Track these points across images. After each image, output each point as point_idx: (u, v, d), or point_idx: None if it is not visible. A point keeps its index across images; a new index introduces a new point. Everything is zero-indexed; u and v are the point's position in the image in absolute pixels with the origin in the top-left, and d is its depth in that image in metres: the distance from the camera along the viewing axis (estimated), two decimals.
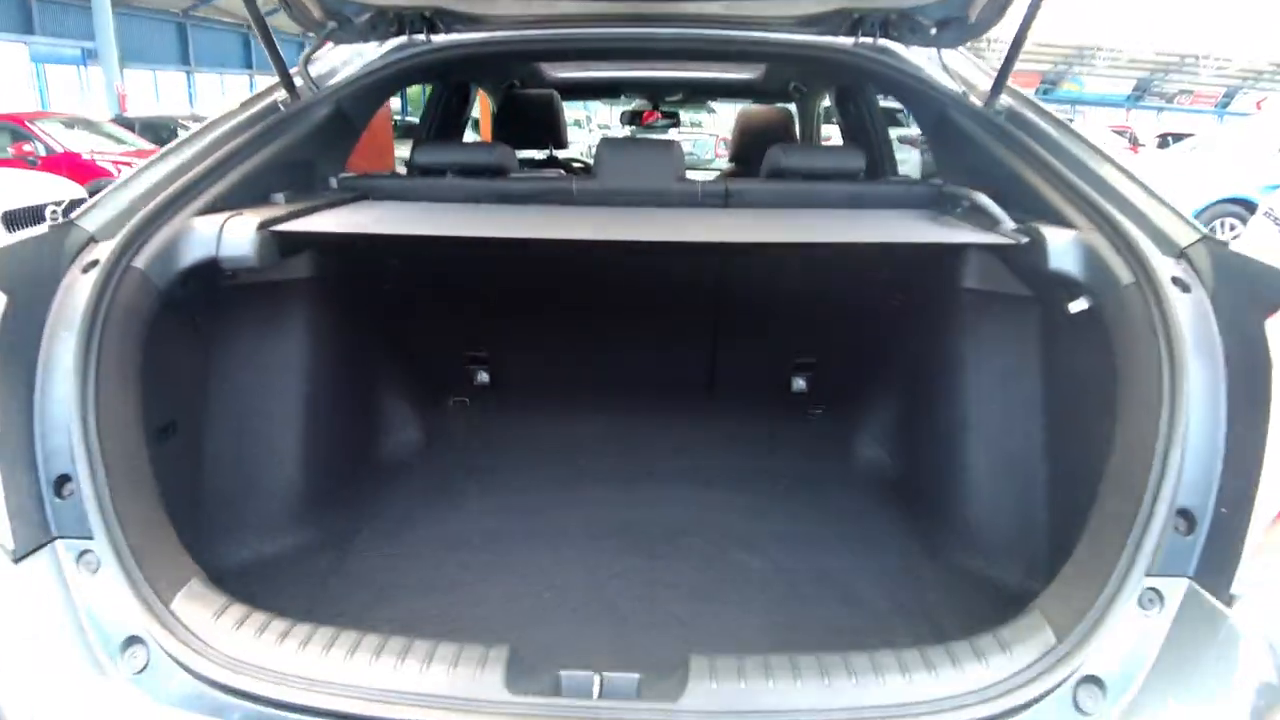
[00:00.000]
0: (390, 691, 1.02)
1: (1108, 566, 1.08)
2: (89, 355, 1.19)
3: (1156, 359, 1.17)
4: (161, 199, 1.45)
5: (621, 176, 2.12)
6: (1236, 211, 8.09)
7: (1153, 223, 1.37)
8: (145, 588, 1.09)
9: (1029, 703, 0.98)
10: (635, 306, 2.36)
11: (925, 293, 2.08)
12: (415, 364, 2.48)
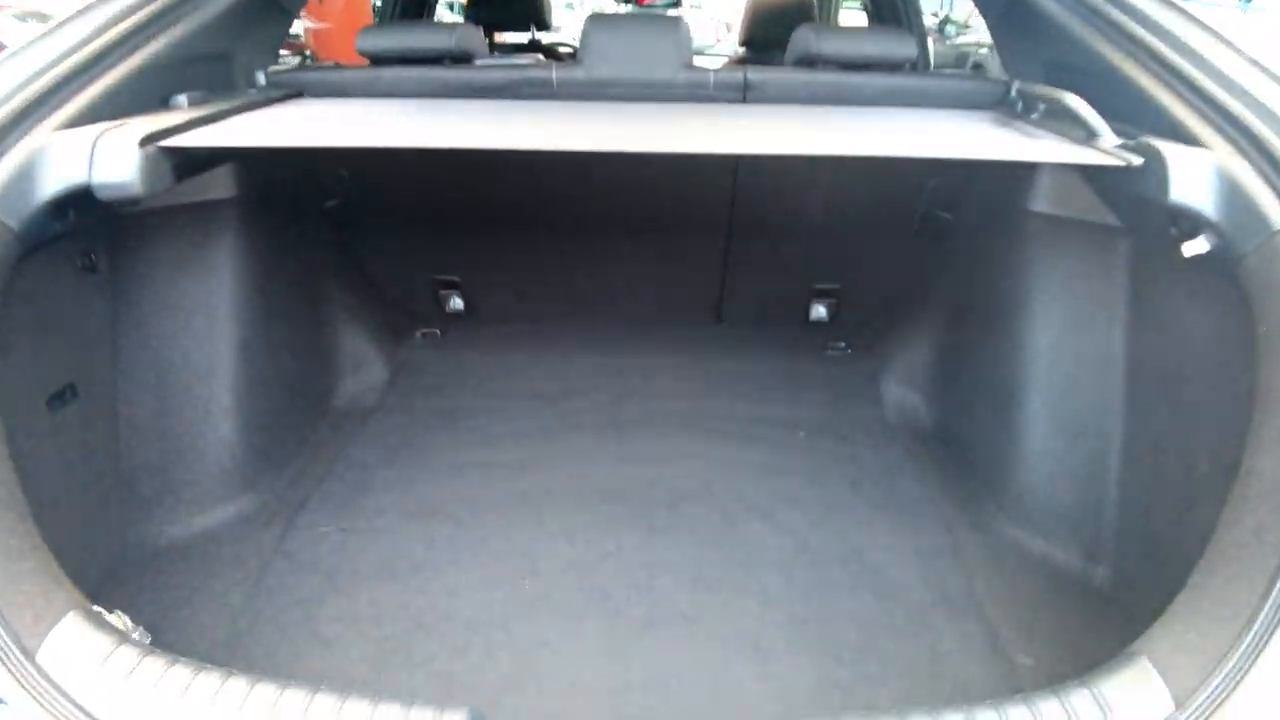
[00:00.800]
0: None
1: (1246, 605, 0.83)
2: None
3: None
4: (11, 108, 1.10)
5: (614, 63, 1.75)
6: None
7: None
8: (7, 626, 0.85)
9: None
10: (633, 220, 2.02)
11: (980, 212, 1.75)
12: (375, 292, 2.18)
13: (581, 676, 1.28)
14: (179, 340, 1.56)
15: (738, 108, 1.71)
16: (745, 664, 1.31)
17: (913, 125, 1.49)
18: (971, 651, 1.33)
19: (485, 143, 1.31)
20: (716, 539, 1.61)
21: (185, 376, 1.57)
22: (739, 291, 2.17)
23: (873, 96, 1.72)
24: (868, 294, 2.19)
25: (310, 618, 1.40)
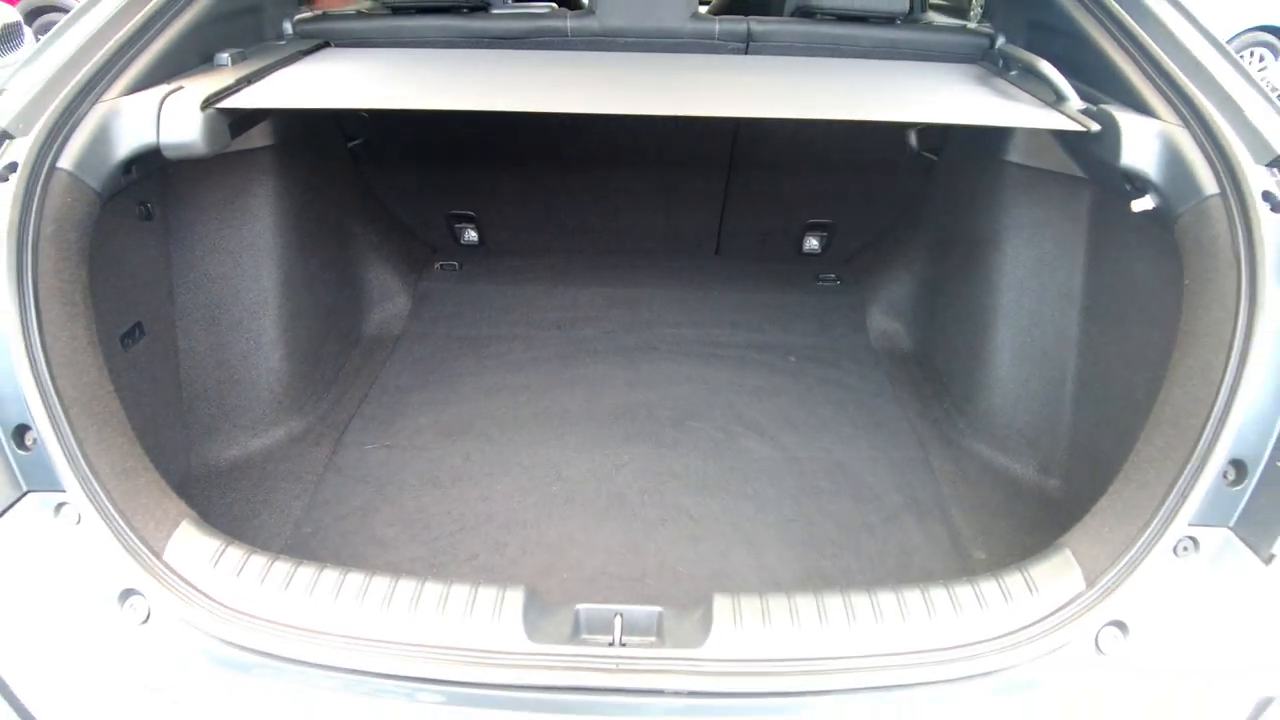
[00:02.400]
0: (403, 644, 0.96)
1: (1147, 509, 1.03)
2: (23, 283, 1.02)
3: (1235, 288, 1.05)
4: (81, 77, 1.20)
5: (624, 13, 1.87)
6: (1268, 41, 7.56)
7: (1248, 120, 1.17)
8: (132, 537, 1.00)
9: (1053, 650, 0.96)
10: (639, 156, 2.16)
11: (962, 157, 1.91)
12: (396, 226, 2.32)
13: (605, 566, 1.49)
14: (229, 279, 1.71)
15: (741, 59, 1.83)
16: (742, 556, 1.52)
17: (902, 81, 1.64)
18: (935, 548, 1.56)
19: (504, 105, 1.44)
20: (717, 452, 1.80)
21: (236, 312, 1.72)
22: (738, 224, 2.33)
23: (868, 48, 1.86)
24: (857, 228, 2.35)
25: (366, 524, 1.58)
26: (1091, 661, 0.96)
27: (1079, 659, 0.96)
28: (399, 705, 0.93)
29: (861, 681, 0.93)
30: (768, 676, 0.93)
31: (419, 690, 0.93)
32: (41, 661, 0.96)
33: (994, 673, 0.94)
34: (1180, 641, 0.97)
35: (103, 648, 0.96)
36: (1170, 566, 0.97)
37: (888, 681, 0.93)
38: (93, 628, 0.96)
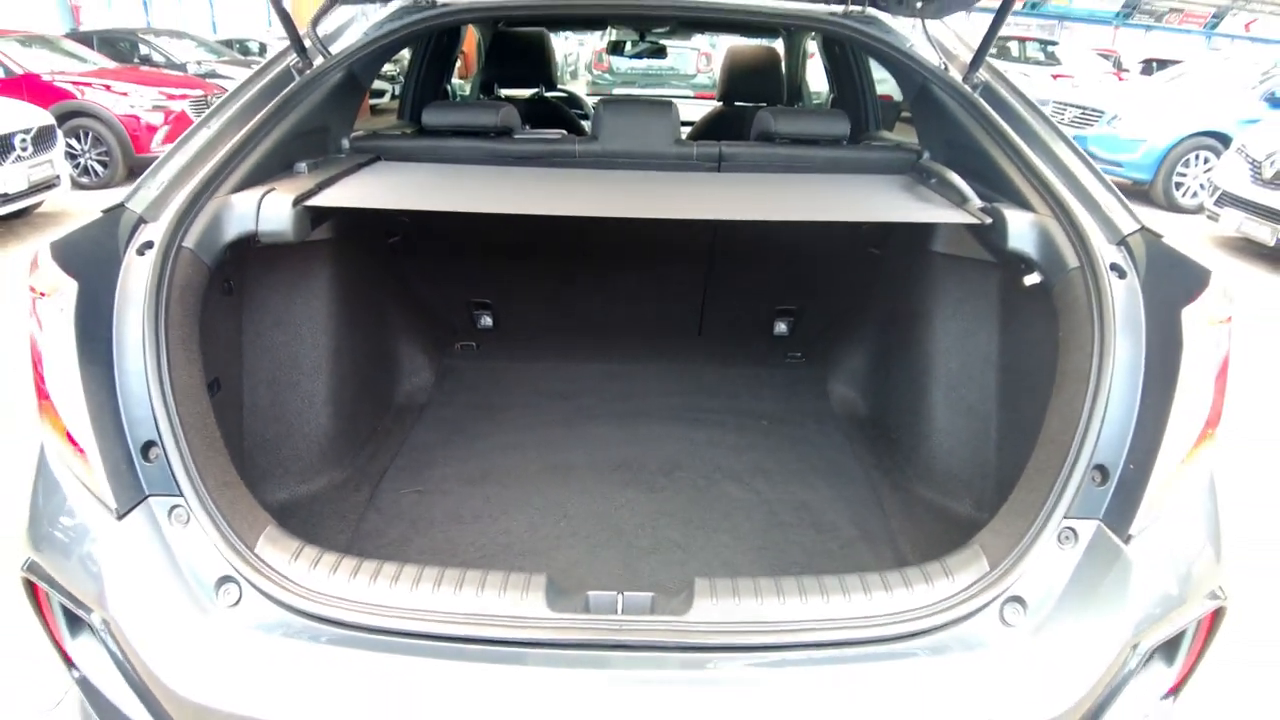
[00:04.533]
0: (452, 614, 1.19)
1: (1035, 509, 1.28)
2: (157, 332, 1.29)
3: (1090, 338, 1.33)
4: (200, 179, 1.51)
5: (621, 139, 2.22)
6: (1212, 145, 8.16)
7: (1101, 210, 1.50)
8: (231, 535, 1.23)
9: (964, 617, 1.19)
10: (632, 255, 2.49)
11: (899, 250, 2.21)
12: (424, 311, 2.61)
13: (606, 584, 1.72)
14: (290, 346, 1.98)
15: (714, 175, 2.18)
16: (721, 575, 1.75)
17: (844, 191, 1.98)
18: (884, 567, 1.80)
19: (524, 209, 1.77)
20: (699, 495, 2.06)
21: (294, 375, 1.99)
22: (716, 312, 2.64)
23: (818, 165, 2.19)
24: (818, 314, 2.67)
25: (402, 551, 1.82)
26: (998, 631, 1.19)
27: (987, 628, 1.19)
28: (443, 662, 1.16)
29: (812, 639, 1.16)
30: (738, 634, 1.17)
31: (462, 649, 1.16)
32: (154, 632, 1.18)
33: (917, 635, 1.17)
34: (1067, 610, 1.20)
35: (201, 625, 1.18)
36: (1055, 552, 1.22)
37: (832, 639, 1.17)
38: (194, 608, 1.19)
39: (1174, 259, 1.37)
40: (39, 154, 6.36)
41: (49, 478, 1.29)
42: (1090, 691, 1.13)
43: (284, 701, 1.13)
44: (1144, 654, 1.17)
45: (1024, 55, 15.54)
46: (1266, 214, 6.30)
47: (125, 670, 1.16)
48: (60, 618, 1.28)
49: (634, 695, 1.14)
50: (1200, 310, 1.28)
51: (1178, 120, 8.47)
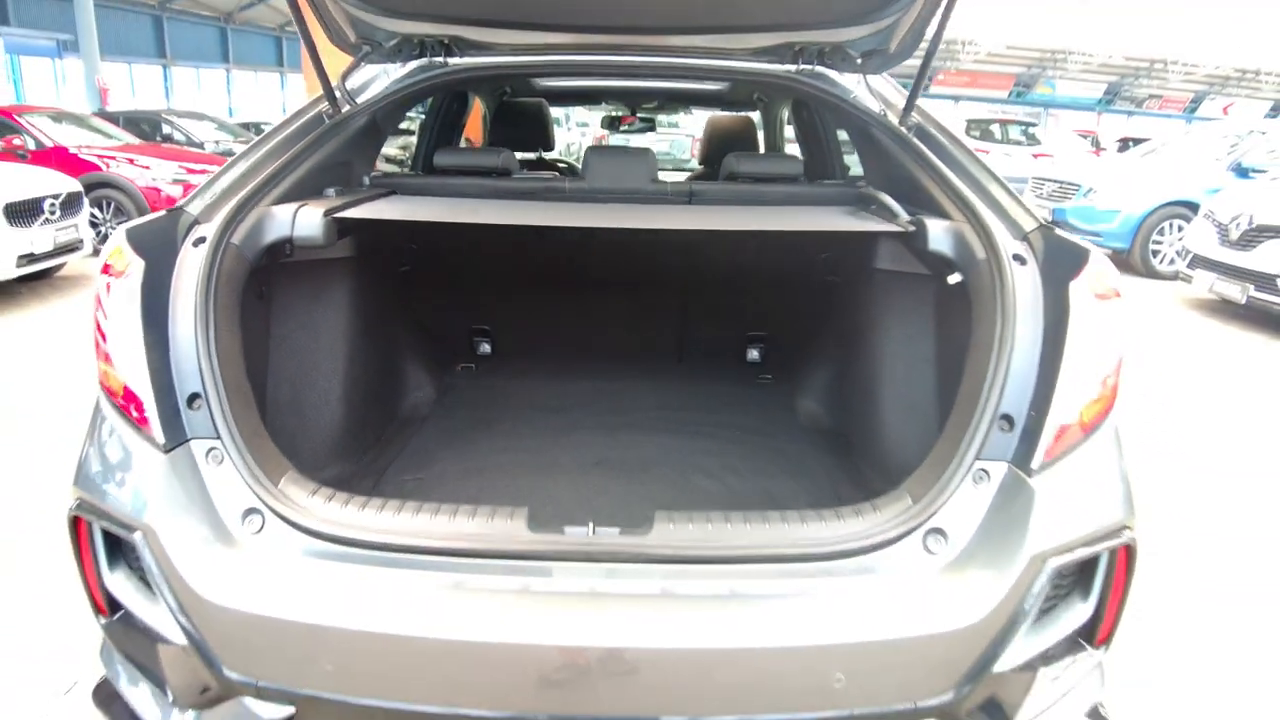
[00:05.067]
0: (449, 535, 1.38)
1: (952, 454, 1.46)
2: (206, 307, 1.52)
3: (996, 314, 1.54)
4: (245, 192, 1.78)
5: (605, 178, 2.50)
6: (1183, 213, 8.53)
7: (1008, 214, 1.75)
8: (258, 473, 1.43)
9: (889, 542, 1.37)
10: (618, 288, 2.74)
11: (849, 273, 2.46)
12: (429, 334, 2.84)
13: None
14: (310, 350, 2.20)
15: (685, 206, 2.45)
16: None
17: (797, 216, 2.24)
18: None
19: (521, 221, 2.04)
20: (675, 486, 2.22)
21: (313, 374, 2.20)
22: (694, 339, 2.88)
23: (775, 199, 2.44)
24: (785, 339, 2.91)
25: None
26: (922, 557, 1.37)
27: (912, 555, 1.37)
28: (436, 573, 1.33)
29: (754, 554, 1.35)
30: (690, 550, 1.36)
31: (453, 561, 1.34)
32: (188, 547, 1.35)
33: (848, 556, 1.35)
34: (982, 538, 1.38)
35: (227, 546, 1.37)
36: (971, 490, 1.41)
37: (772, 554, 1.36)
38: (223, 532, 1.38)
39: (1065, 245, 1.60)
40: (66, 218, 6.72)
41: (104, 426, 1.49)
42: (1001, 604, 1.30)
43: (297, 605, 1.30)
44: (1051, 573, 1.33)
45: (1006, 137, 16.21)
46: (1235, 273, 6.60)
47: (160, 579, 1.33)
48: (101, 551, 1.46)
49: (602, 594, 1.32)
50: (1084, 282, 1.51)
51: (1151, 191, 8.88)
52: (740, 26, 2.26)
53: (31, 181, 6.55)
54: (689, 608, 1.32)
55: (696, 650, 1.26)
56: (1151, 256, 8.89)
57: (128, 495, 1.40)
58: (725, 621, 1.29)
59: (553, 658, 1.25)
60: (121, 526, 1.38)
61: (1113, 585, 1.44)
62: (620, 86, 4.53)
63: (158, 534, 1.34)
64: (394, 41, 2.27)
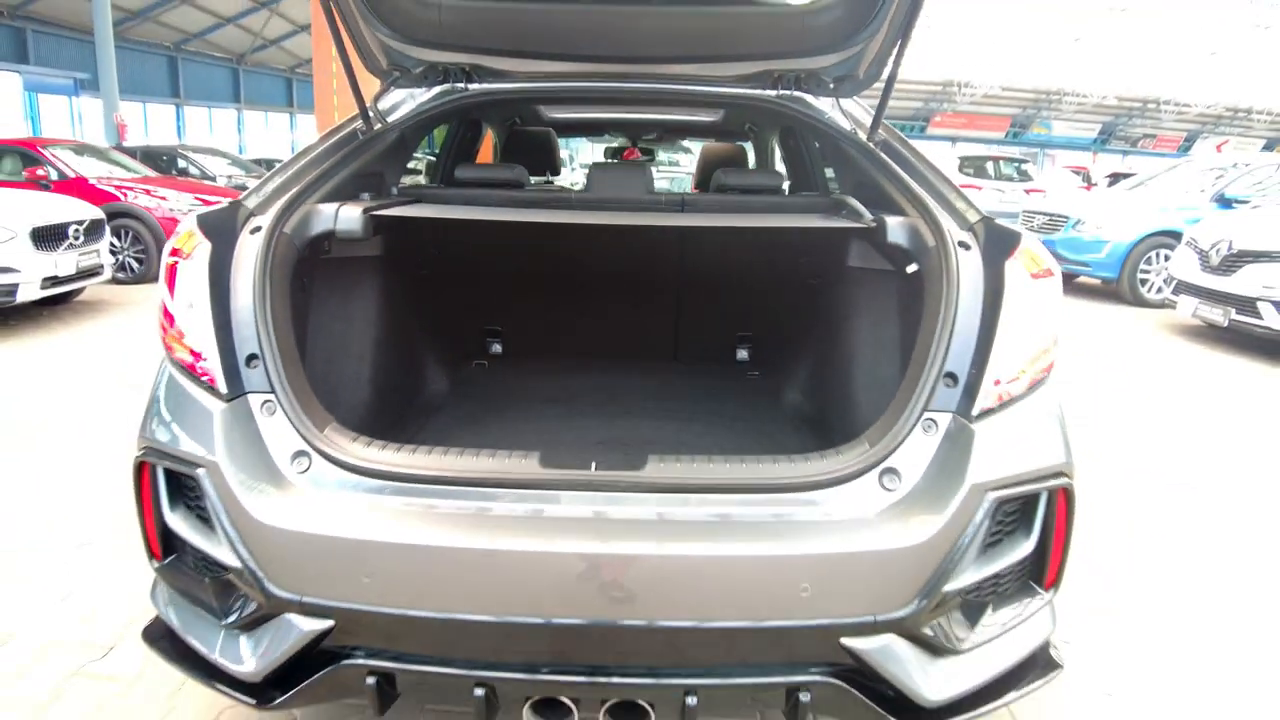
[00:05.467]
0: (472, 469, 1.61)
1: (904, 407, 1.67)
2: (263, 282, 1.75)
3: (943, 291, 1.77)
4: (294, 191, 2.03)
5: (607, 189, 2.76)
6: (1169, 243, 8.77)
7: (956, 210, 1.98)
8: (307, 422, 1.64)
9: (850, 477, 1.58)
10: (618, 293, 2.99)
11: (827, 273, 2.69)
12: (446, 333, 3.08)
13: None
14: (345, 335, 2.42)
15: (678, 212, 2.69)
16: None
17: (774, 217, 2.50)
18: None
19: (532, 219, 2.30)
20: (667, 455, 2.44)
21: (345, 357, 2.41)
22: (688, 339, 3.10)
23: (760, 208, 2.69)
24: (771, 338, 3.14)
25: None
26: (879, 492, 1.57)
27: (870, 490, 1.57)
28: (459, 501, 1.54)
29: (733, 484, 1.56)
30: (678, 481, 1.57)
31: (473, 490, 1.55)
32: (245, 480, 1.55)
33: (811, 489, 1.56)
34: (931, 476, 1.58)
35: (279, 480, 1.58)
36: (920, 436, 1.62)
37: (748, 484, 1.57)
38: (275, 469, 1.59)
39: (1002, 232, 1.83)
40: (88, 244, 6.98)
41: (170, 383, 1.71)
42: (945, 527, 1.49)
43: (338, 526, 1.50)
44: (991, 504, 1.52)
45: (999, 174, 16.57)
46: (1217, 298, 6.82)
47: (219, 507, 1.53)
48: (163, 492, 1.67)
49: (603, 515, 1.55)
50: (1017, 261, 1.74)
51: (1137, 221, 9.15)
52: (726, 56, 2.54)
53: (58, 208, 6.83)
54: (678, 528, 1.53)
55: (683, 558, 1.46)
56: (1140, 285, 9.13)
57: (193, 438, 1.61)
58: (708, 537, 1.50)
59: (561, 566, 1.45)
60: (186, 464, 1.59)
61: (1055, 527, 1.64)
62: (621, 118, 4.82)
63: (220, 468, 1.55)
64: (421, 69, 2.54)
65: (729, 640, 1.49)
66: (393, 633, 1.51)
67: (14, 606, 2.56)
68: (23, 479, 3.57)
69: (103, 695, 2.16)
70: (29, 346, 6.03)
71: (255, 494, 1.53)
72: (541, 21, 2.49)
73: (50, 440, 4.07)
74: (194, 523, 1.65)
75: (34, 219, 6.40)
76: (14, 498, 3.38)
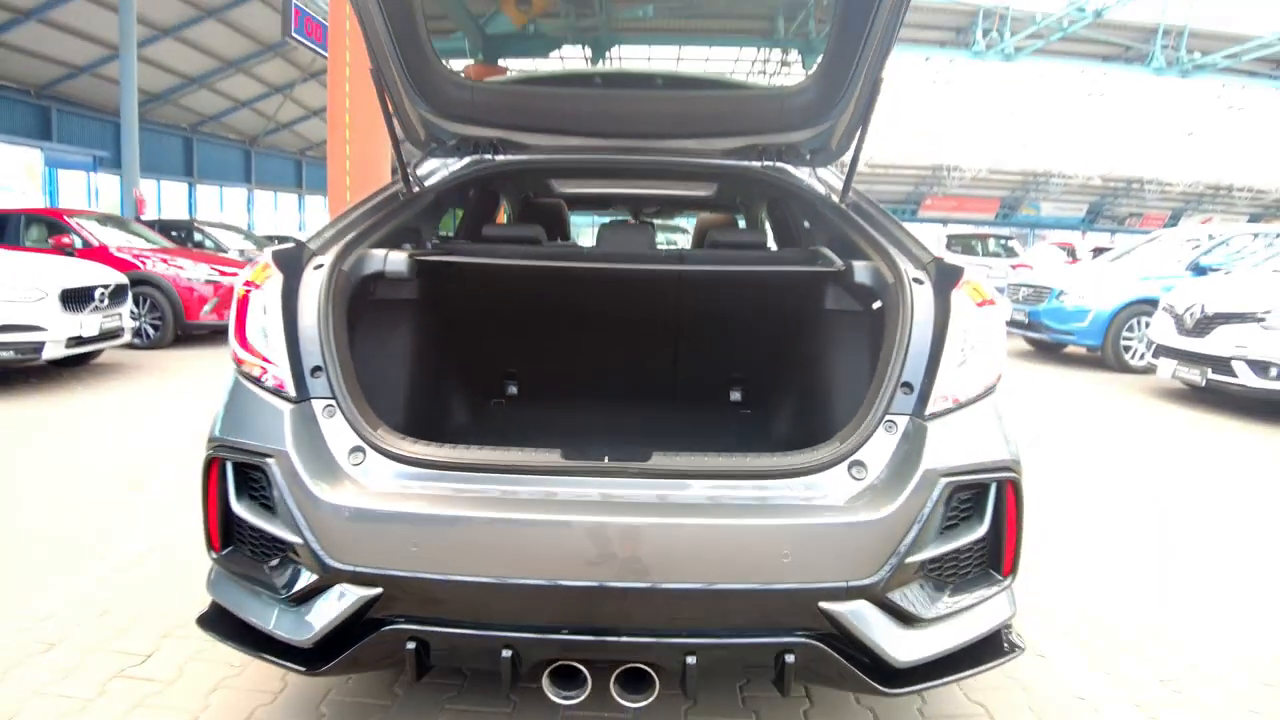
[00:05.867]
0: (503, 460, 1.86)
1: (869, 412, 1.94)
2: (325, 308, 2.03)
3: (900, 318, 2.05)
4: (349, 238, 2.34)
5: (615, 245, 3.10)
6: (1149, 310, 9.11)
7: (912, 253, 2.28)
8: (361, 423, 1.90)
9: (822, 467, 1.84)
10: (621, 340, 3.29)
11: (808, 317, 2.99)
12: (469, 373, 3.35)
13: None
14: (384, 365, 2.69)
15: (676, 265, 3.01)
16: None
17: (758, 265, 2.82)
18: None
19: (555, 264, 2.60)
20: None
21: (382, 388, 2.65)
22: (684, 383, 3.37)
23: (747, 260, 2.99)
24: (761, 379, 3.42)
25: None
26: (848, 480, 1.82)
27: (841, 479, 1.83)
28: (492, 486, 1.78)
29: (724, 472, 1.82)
30: (678, 470, 1.82)
31: (506, 476, 1.80)
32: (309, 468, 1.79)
33: (790, 476, 1.82)
34: (892, 468, 1.83)
35: (338, 470, 1.83)
36: (883, 434, 1.87)
37: (737, 472, 1.82)
38: (334, 462, 1.85)
39: (951, 269, 2.12)
40: (112, 307, 7.30)
41: (240, 391, 1.97)
42: (903, 505, 1.74)
43: (389, 504, 1.75)
44: (944, 488, 1.76)
45: (986, 251, 17.10)
46: (1193, 359, 7.10)
47: (285, 490, 1.77)
48: (230, 483, 1.91)
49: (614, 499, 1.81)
50: (962, 290, 2.03)
51: (1117, 290, 9.51)
52: (717, 132, 2.92)
53: (85, 272, 7.17)
54: (678, 506, 1.79)
55: (682, 527, 1.72)
56: (1124, 352, 9.43)
57: (263, 434, 1.87)
58: (703, 514, 1.75)
59: (578, 535, 1.70)
60: (257, 455, 1.84)
61: (1006, 517, 1.87)
62: (624, 192, 5.24)
63: (288, 456, 1.80)
64: (454, 140, 2.91)
65: (722, 602, 1.71)
66: (433, 597, 1.74)
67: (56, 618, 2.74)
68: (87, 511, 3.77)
69: (142, 694, 2.33)
70: (55, 405, 6.27)
71: (317, 480, 1.78)
72: (559, 103, 2.90)
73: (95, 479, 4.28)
74: (257, 509, 1.89)
75: (64, 281, 6.73)
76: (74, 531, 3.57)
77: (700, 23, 3.78)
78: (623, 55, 3.61)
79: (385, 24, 2.45)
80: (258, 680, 2.40)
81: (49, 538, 3.49)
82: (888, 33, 2.32)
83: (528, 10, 3.82)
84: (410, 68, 2.65)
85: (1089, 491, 4.62)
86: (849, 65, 2.52)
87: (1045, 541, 3.71)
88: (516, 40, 3.55)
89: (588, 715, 2.23)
